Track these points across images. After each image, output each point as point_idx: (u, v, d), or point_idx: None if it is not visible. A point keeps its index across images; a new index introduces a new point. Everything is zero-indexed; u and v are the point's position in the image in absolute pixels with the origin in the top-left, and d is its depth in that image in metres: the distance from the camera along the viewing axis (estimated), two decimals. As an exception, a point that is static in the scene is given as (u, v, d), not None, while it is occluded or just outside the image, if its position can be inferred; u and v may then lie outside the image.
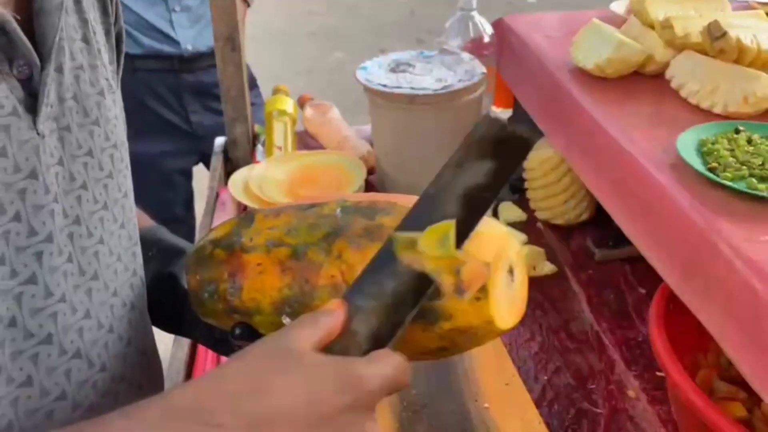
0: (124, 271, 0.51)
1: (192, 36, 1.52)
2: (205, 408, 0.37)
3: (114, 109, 0.52)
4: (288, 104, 1.27)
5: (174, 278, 0.61)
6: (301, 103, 1.36)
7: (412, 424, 0.68)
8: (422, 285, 0.42)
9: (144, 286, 0.56)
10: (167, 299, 0.60)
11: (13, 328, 0.42)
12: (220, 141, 1.24)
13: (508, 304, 0.45)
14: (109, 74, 0.52)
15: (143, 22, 1.49)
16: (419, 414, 0.69)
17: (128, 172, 0.54)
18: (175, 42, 1.51)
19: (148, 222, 0.66)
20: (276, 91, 1.31)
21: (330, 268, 0.46)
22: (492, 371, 0.74)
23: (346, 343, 0.41)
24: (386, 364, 0.39)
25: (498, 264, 0.44)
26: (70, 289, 0.46)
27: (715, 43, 0.80)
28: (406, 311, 0.42)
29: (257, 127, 1.28)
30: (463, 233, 0.42)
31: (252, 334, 0.49)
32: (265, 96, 1.56)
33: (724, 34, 0.78)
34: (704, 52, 0.83)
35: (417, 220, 0.43)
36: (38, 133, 0.43)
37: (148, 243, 0.60)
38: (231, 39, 1.12)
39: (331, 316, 0.41)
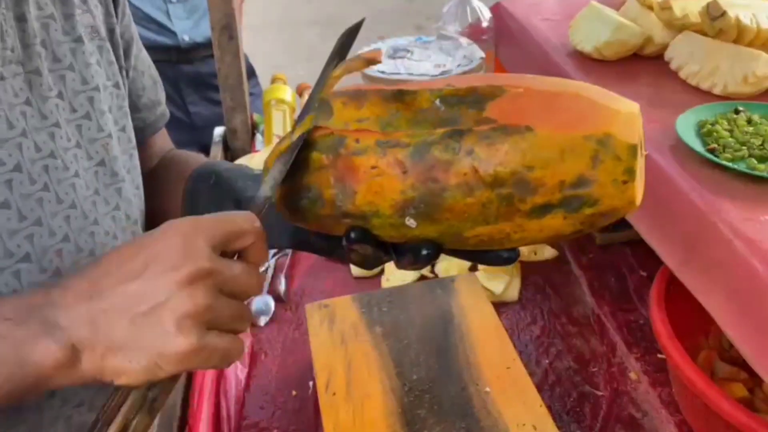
0: (104, 204, 0.55)
1: (189, 27, 1.51)
2: (59, 281, 0.43)
3: (97, 55, 0.56)
4: (286, 93, 1.26)
5: (238, 200, 0.60)
6: (300, 92, 1.35)
7: (413, 409, 0.68)
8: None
9: (135, 221, 0.58)
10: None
11: None
12: (219, 131, 1.24)
13: (641, 180, 0.45)
14: (98, 22, 0.57)
15: (140, 13, 1.48)
16: (421, 398, 0.69)
17: (111, 116, 0.56)
18: (172, 33, 1.50)
19: (203, 159, 0.70)
20: (274, 80, 1.31)
21: (461, 166, 0.43)
22: (493, 355, 0.74)
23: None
24: (220, 213, 0.44)
25: (640, 147, 0.43)
26: (47, 214, 0.50)
27: (714, 23, 0.79)
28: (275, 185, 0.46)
29: (256, 117, 1.28)
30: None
31: (368, 237, 0.47)
32: (264, 85, 1.56)
33: (723, 13, 0.78)
34: (703, 33, 0.82)
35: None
36: None
37: (207, 173, 0.62)
38: (228, 28, 1.12)
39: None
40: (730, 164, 0.65)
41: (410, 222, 0.45)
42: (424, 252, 0.46)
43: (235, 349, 0.43)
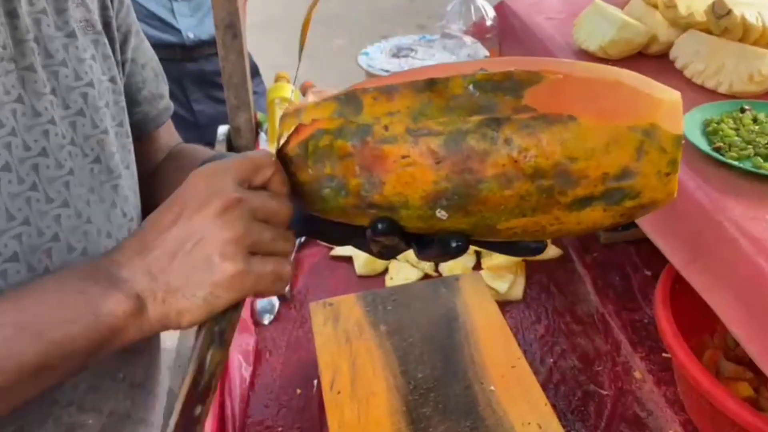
0: (99, 202, 0.55)
1: (193, 24, 1.51)
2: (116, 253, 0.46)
3: (92, 49, 0.56)
4: (290, 91, 1.26)
5: None
6: (303, 91, 1.35)
7: (418, 407, 0.68)
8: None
9: (131, 218, 0.59)
10: None
11: None
12: (223, 129, 1.23)
13: (677, 176, 0.44)
14: (93, 16, 0.56)
15: (144, 11, 1.48)
16: (426, 397, 0.69)
17: (108, 111, 0.56)
18: (176, 30, 1.50)
19: (212, 152, 0.69)
20: (278, 79, 1.31)
21: (499, 157, 0.41)
22: (498, 354, 0.74)
23: None
24: (243, 155, 0.48)
25: (683, 135, 0.42)
26: (35, 214, 0.50)
27: (720, 21, 0.79)
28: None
29: (260, 115, 1.27)
30: None
31: (396, 229, 0.46)
32: (266, 84, 1.56)
33: (729, 12, 0.77)
34: (708, 31, 0.82)
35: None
36: None
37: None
38: (232, 26, 1.11)
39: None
40: (735, 163, 0.65)
41: (441, 214, 0.44)
42: (454, 244, 0.45)
43: (284, 270, 0.46)
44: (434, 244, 0.46)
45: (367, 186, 0.45)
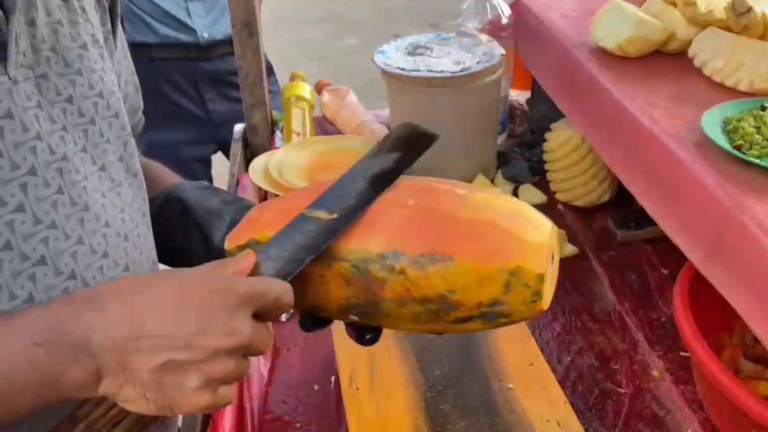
0: (111, 206, 0.56)
1: (208, 24, 1.52)
2: (95, 298, 0.44)
3: (101, 62, 0.57)
4: (305, 90, 1.27)
5: (205, 236, 0.64)
6: (319, 89, 1.36)
7: (437, 404, 0.68)
8: (325, 237, 0.50)
9: (142, 222, 0.60)
10: (199, 252, 0.64)
11: (9, 251, 0.48)
12: (239, 128, 1.25)
13: (551, 285, 0.52)
14: (96, 31, 0.58)
15: (159, 10, 1.49)
16: (444, 394, 0.69)
17: (117, 121, 0.58)
18: (191, 30, 1.51)
19: (171, 177, 0.72)
20: (293, 77, 1.32)
21: (394, 284, 0.50)
22: (516, 352, 0.74)
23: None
24: (261, 280, 0.48)
25: (548, 267, 0.50)
26: (61, 217, 0.51)
27: (740, 19, 0.78)
28: (307, 258, 0.50)
29: (275, 114, 1.28)
30: (367, 202, 0.52)
31: (320, 324, 0.55)
32: (280, 83, 1.56)
33: (749, 9, 0.77)
34: (728, 29, 0.82)
35: (331, 196, 0.53)
36: (10, 78, 0.48)
37: (174, 200, 0.66)
38: (248, 24, 1.12)
39: (238, 263, 0.48)
40: (757, 161, 0.65)
41: (354, 318, 0.53)
42: (367, 338, 0.55)
43: (232, 399, 0.46)
44: (355, 329, 0.56)
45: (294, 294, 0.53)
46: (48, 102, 0.51)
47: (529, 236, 0.49)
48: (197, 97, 1.56)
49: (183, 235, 0.65)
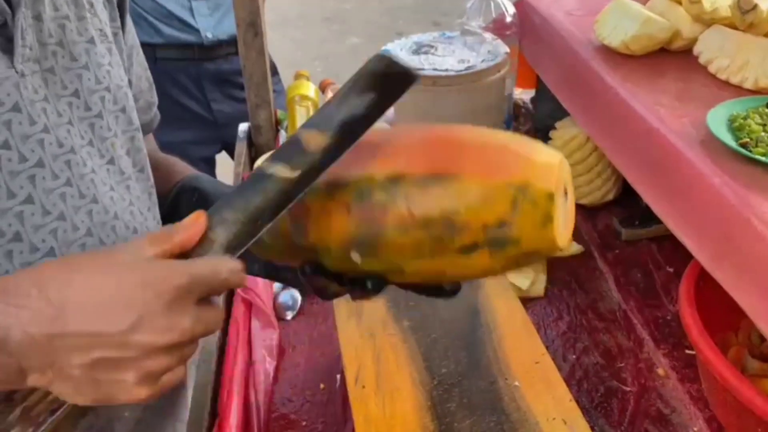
0: (120, 200, 0.56)
1: (212, 24, 1.52)
2: (11, 290, 0.40)
3: (108, 56, 0.58)
4: (310, 89, 1.27)
5: None
6: (323, 88, 1.36)
7: (443, 402, 0.68)
8: (284, 201, 0.46)
9: (149, 215, 0.60)
10: None
11: (18, 242, 0.48)
12: (243, 127, 1.25)
13: (564, 223, 0.48)
14: (104, 26, 0.58)
15: (163, 11, 1.49)
16: (450, 392, 0.69)
17: (123, 115, 0.58)
18: (195, 30, 1.51)
19: (189, 170, 0.71)
20: (297, 77, 1.32)
21: (397, 208, 0.47)
22: (521, 350, 0.74)
23: (202, 251, 0.44)
24: (205, 263, 0.42)
25: (558, 191, 0.46)
26: (70, 209, 0.51)
27: (745, 16, 0.78)
28: (264, 224, 0.45)
29: (280, 113, 1.28)
30: (334, 157, 0.47)
31: (321, 270, 0.50)
32: (285, 82, 1.56)
33: (755, 7, 0.77)
34: (733, 27, 0.82)
35: (293, 148, 0.47)
36: (17, 72, 0.49)
37: (189, 190, 0.66)
38: (253, 25, 1.12)
39: (187, 230, 0.43)
40: (763, 158, 0.65)
41: (355, 257, 0.49)
42: (369, 285, 0.50)
43: (178, 379, 0.43)
44: (357, 285, 0.51)
45: (296, 232, 0.51)
46: (54, 95, 0.52)
47: (539, 157, 0.47)
48: (201, 98, 1.57)
49: None
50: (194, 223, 0.44)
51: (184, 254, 0.44)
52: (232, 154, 1.46)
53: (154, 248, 0.42)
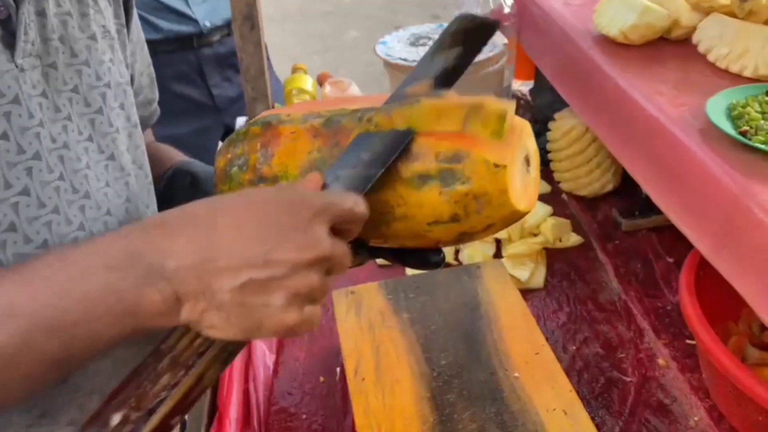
0: (115, 196, 0.56)
1: (208, 11, 1.51)
2: (167, 224, 0.44)
3: (110, 53, 0.58)
4: (307, 82, 1.27)
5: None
6: (321, 81, 1.35)
7: (442, 394, 0.68)
8: (392, 151, 0.49)
9: (147, 213, 0.60)
10: None
11: (12, 232, 0.48)
12: (241, 120, 1.25)
13: (522, 187, 0.49)
14: (108, 23, 0.58)
15: (158, 4, 1.48)
16: (450, 383, 0.69)
17: (122, 112, 0.58)
18: (192, 20, 1.50)
19: (181, 156, 0.73)
20: (295, 70, 1.31)
21: (358, 129, 0.49)
22: (521, 342, 0.74)
23: None
24: (332, 192, 0.47)
25: (518, 143, 0.48)
26: (64, 203, 0.51)
27: (744, 4, 0.78)
28: (375, 174, 0.48)
29: (277, 106, 1.28)
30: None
31: None
32: (281, 76, 1.56)
33: (754, -6, 0.76)
34: (732, 15, 0.81)
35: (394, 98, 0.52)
36: (16, 66, 0.49)
37: (182, 173, 0.67)
38: (250, 17, 1.12)
39: (307, 182, 0.47)
40: (763, 146, 0.64)
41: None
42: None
43: (319, 318, 0.45)
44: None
45: (262, 159, 0.53)
46: (55, 91, 0.52)
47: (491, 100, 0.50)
48: (202, 84, 1.55)
49: None
50: (311, 180, 0.47)
51: None
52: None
53: None
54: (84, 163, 0.53)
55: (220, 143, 0.64)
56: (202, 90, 1.56)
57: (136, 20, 0.65)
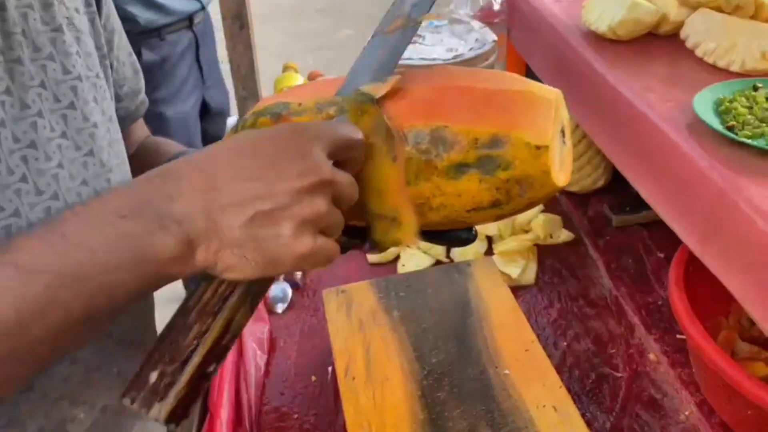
0: (93, 194, 0.54)
1: None
2: (171, 171, 0.43)
3: (76, 45, 0.55)
4: (297, 81, 1.26)
5: None
6: (311, 79, 1.35)
7: (433, 392, 0.68)
8: (406, 40, 0.50)
9: None
10: None
11: (17, 218, 0.47)
12: (231, 120, 1.25)
13: (560, 163, 0.47)
14: (73, 13, 0.56)
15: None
16: (440, 381, 0.69)
17: (96, 106, 0.56)
18: (196, 1, 1.48)
19: (181, 147, 0.71)
20: (286, 69, 1.31)
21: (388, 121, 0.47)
22: (511, 338, 0.74)
23: None
24: (329, 122, 0.47)
25: (557, 120, 0.46)
26: (26, 206, 0.49)
27: (731, -1, 0.78)
28: (396, 61, 0.50)
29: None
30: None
31: None
32: (273, 74, 1.55)
33: (741, -11, 0.76)
34: (720, 10, 0.81)
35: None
36: None
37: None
38: (239, 16, 1.12)
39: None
40: (749, 141, 0.64)
41: None
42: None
43: (336, 251, 0.45)
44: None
45: None
46: (21, 87, 0.50)
47: (536, 86, 0.49)
48: (195, 63, 1.54)
49: None
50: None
51: None
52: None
53: None
54: (56, 161, 0.51)
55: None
56: (193, 68, 1.54)
57: (109, 8, 0.63)
